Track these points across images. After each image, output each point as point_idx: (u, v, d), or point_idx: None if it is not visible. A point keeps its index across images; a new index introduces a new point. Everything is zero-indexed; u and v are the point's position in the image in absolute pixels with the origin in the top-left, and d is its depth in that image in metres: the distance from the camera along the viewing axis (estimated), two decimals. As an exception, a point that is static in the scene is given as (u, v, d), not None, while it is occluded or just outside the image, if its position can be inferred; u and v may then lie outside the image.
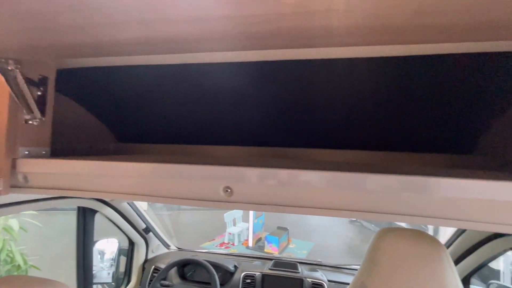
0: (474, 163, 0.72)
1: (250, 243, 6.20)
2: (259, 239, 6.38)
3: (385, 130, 0.71)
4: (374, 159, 0.74)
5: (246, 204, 0.42)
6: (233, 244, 6.31)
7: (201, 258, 1.58)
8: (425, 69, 0.54)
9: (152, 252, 1.84)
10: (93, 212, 1.39)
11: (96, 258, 1.70)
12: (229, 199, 0.44)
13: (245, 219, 6.54)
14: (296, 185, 0.41)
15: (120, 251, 1.80)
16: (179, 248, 2.02)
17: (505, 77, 0.53)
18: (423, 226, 5.57)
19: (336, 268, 1.75)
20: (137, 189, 0.52)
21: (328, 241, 6.66)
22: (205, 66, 0.63)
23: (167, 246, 1.98)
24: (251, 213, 6.06)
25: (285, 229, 6.23)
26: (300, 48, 0.50)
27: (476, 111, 0.63)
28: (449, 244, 1.34)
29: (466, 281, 1.36)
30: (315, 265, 1.75)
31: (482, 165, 0.69)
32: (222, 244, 6.35)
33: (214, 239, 6.56)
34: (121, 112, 0.91)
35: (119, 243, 1.77)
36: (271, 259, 1.73)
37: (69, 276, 1.51)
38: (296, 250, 6.09)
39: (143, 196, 0.51)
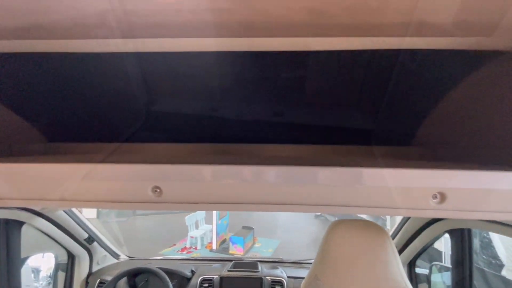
0: (413, 154, 0.81)
1: (214, 246, 6.15)
2: (224, 241, 6.37)
3: (330, 124, 0.76)
4: (321, 153, 0.78)
5: (177, 203, 0.42)
6: (195, 248, 6.20)
7: (154, 266, 1.52)
8: (362, 64, 0.59)
9: (98, 264, 1.73)
10: (19, 224, 1.25)
11: (28, 277, 1.53)
12: (159, 199, 0.43)
13: (209, 220, 6.47)
14: (226, 181, 0.42)
15: (58, 266, 1.67)
16: (130, 257, 1.93)
17: (435, 72, 0.61)
18: (382, 217, 6.09)
19: (297, 263, 1.84)
20: (58, 194, 0.48)
21: (294, 237, 6.91)
22: (137, 54, 0.60)
23: (116, 256, 1.87)
24: (214, 214, 6.01)
25: (251, 228, 6.31)
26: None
27: (410, 107, 0.71)
28: (396, 232, 1.49)
29: (412, 264, 1.53)
30: (276, 263, 1.81)
31: (420, 155, 0.78)
32: (183, 249, 6.20)
33: (174, 245, 6.38)
34: (48, 107, 0.83)
35: (57, 257, 1.64)
36: (231, 261, 1.74)
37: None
38: (261, 249, 6.22)
39: (65, 202, 0.47)
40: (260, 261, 1.74)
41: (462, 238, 1.13)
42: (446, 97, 0.59)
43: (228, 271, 1.59)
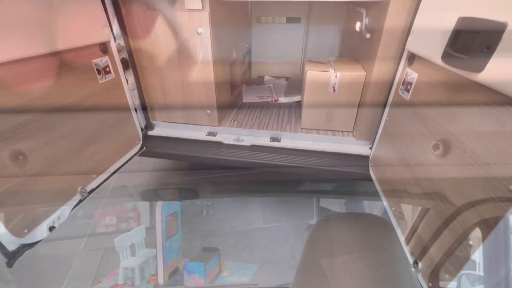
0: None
1: (161, 279, 6.11)
2: (176, 270, 6.36)
3: None
4: None
5: (62, 176, 0.37)
6: (132, 285, 6.13)
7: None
8: None
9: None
10: None
11: None
12: (23, 170, 0.38)
13: (151, 243, 6.40)
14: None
15: None
16: (23, 300, 1.85)
17: None
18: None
19: (277, 289, 1.88)
20: None
21: (279, 257, 7.06)
22: None
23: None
24: (158, 231, 5.94)
25: (215, 249, 6.33)
26: None
27: None
28: (411, 234, 1.57)
29: (434, 274, 1.63)
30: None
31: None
32: (114, 287, 6.12)
33: (100, 282, 6.25)
34: None
35: None
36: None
37: None
38: (231, 279, 6.29)
39: None
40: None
41: (496, 229, 1.20)
42: None
43: (177, 306, 1.58)
